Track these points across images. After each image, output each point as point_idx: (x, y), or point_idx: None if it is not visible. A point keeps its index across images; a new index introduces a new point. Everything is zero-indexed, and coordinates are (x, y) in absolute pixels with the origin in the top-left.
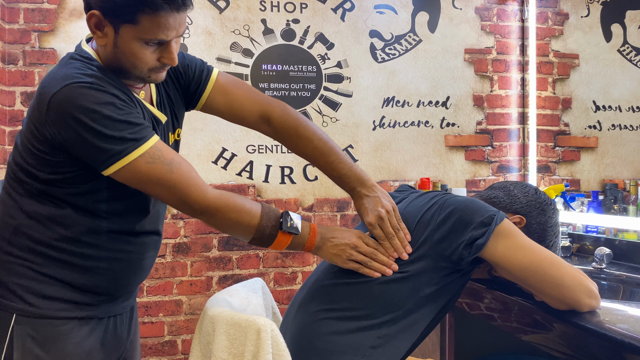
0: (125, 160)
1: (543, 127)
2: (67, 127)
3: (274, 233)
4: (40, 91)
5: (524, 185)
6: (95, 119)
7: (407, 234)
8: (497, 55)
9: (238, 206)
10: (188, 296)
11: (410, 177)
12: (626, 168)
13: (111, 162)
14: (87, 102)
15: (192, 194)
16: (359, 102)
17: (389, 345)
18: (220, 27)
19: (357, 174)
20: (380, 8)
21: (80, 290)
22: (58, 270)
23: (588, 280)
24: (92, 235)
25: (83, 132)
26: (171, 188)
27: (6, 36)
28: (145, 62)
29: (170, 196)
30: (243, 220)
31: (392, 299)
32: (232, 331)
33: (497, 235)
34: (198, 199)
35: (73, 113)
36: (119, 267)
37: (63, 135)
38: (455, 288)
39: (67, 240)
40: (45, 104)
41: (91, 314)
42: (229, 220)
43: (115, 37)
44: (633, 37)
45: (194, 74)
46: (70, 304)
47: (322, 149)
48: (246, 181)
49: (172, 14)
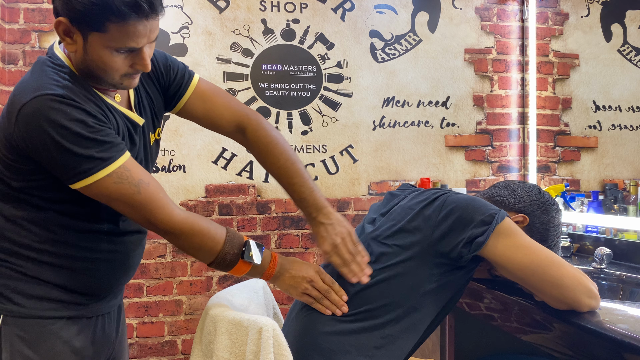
0: (92, 178)
1: (543, 127)
2: (35, 139)
3: (234, 260)
4: (12, 99)
5: (527, 185)
6: (63, 135)
7: (365, 256)
8: (497, 55)
9: (203, 230)
10: (188, 296)
11: (410, 177)
12: (626, 168)
13: (78, 178)
14: (57, 116)
15: (157, 214)
16: (359, 102)
17: (392, 346)
18: (220, 27)
19: (317, 200)
20: (380, 8)
21: (67, 290)
22: (43, 271)
23: (588, 280)
24: (75, 237)
25: (50, 147)
26: (137, 208)
27: (6, 36)
28: (116, 70)
29: (137, 215)
30: (206, 244)
31: (393, 296)
32: (234, 331)
33: (498, 234)
34: (163, 220)
35: (42, 126)
36: (105, 267)
37: (30, 147)
38: (456, 285)
39: (50, 242)
40: (14, 114)
41: (79, 313)
42: (193, 244)
43: (84, 44)
44: (633, 37)
45: (175, 76)
46: (58, 303)
47: (288, 169)
48: (246, 181)
49: (141, 21)
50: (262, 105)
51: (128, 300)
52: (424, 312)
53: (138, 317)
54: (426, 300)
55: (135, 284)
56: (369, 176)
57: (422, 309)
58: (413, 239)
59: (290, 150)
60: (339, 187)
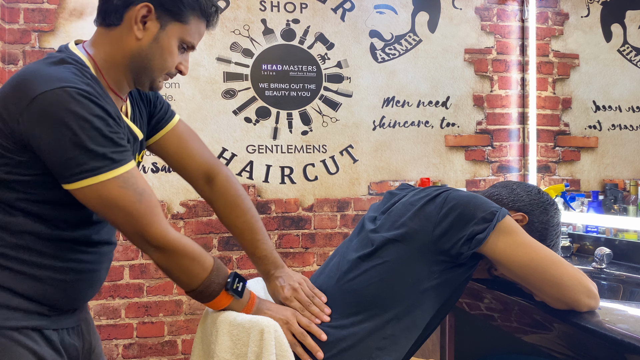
0: (98, 178)
1: (543, 127)
2: (48, 127)
3: (217, 290)
4: (22, 84)
5: (526, 185)
6: (83, 128)
7: (322, 297)
8: (497, 55)
9: (194, 253)
10: (188, 296)
11: (410, 177)
12: (626, 168)
13: (82, 177)
14: (81, 109)
15: (153, 228)
16: (359, 102)
17: (395, 346)
18: (220, 27)
19: (276, 258)
20: (380, 8)
21: (30, 299)
22: (5, 279)
23: (588, 280)
24: (44, 244)
25: (64, 138)
26: (135, 217)
27: (6, 36)
28: (173, 63)
29: (130, 225)
30: (194, 269)
31: (393, 294)
32: (235, 332)
33: (499, 232)
34: (157, 235)
35: (62, 116)
36: (73, 278)
37: (38, 134)
38: (456, 283)
39: (15, 248)
40: (28, 98)
41: (44, 324)
42: (181, 266)
43: (158, 32)
44: (633, 37)
45: (161, 108)
46: (20, 312)
47: (252, 226)
48: (246, 181)
49: (206, 27)
50: (262, 105)
51: (128, 300)
52: (424, 309)
53: (138, 317)
54: (426, 297)
55: (135, 284)
56: (369, 176)
57: (422, 306)
58: (414, 235)
59: (254, 208)
60: (339, 187)
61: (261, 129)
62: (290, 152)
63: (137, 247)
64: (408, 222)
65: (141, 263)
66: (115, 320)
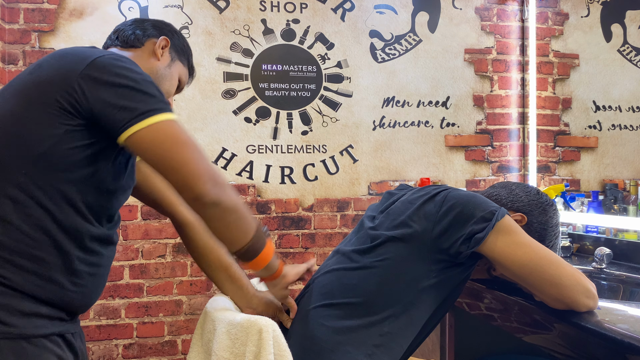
0: (164, 116)
1: (543, 127)
2: (107, 80)
3: (263, 243)
4: (75, 53)
5: (525, 185)
6: (140, 80)
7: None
8: (497, 55)
9: (244, 207)
10: (188, 296)
11: (410, 177)
12: (626, 168)
13: (150, 114)
14: (135, 67)
15: (215, 176)
16: (359, 102)
17: (392, 343)
18: (220, 27)
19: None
20: (380, 8)
21: (53, 305)
22: (32, 287)
23: (586, 280)
24: (68, 240)
25: (126, 86)
26: (196, 161)
27: (6, 36)
28: (172, 93)
29: (188, 172)
30: (247, 221)
31: (391, 291)
32: (234, 331)
33: (498, 231)
34: (214, 189)
35: (120, 71)
36: (91, 281)
37: (97, 89)
38: (454, 282)
39: (41, 248)
40: (85, 62)
41: (64, 329)
42: (237, 219)
43: (170, 62)
44: (633, 37)
45: None
46: (46, 319)
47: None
48: (246, 181)
49: (188, 80)
50: (262, 105)
51: (128, 300)
52: (422, 308)
53: (138, 317)
54: (424, 296)
55: (135, 284)
56: (369, 176)
57: (420, 305)
58: (413, 233)
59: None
60: (339, 187)
61: (261, 129)
62: (290, 152)
63: (188, 204)
64: (407, 220)
65: (141, 263)
66: (115, 320)
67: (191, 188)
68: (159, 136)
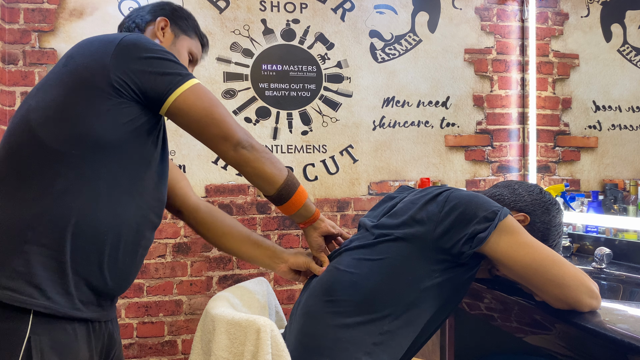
0: (195, 80)
1: (543, 127)
2: (140, 55)
3: (297, 182)
4: (101, 39)
5: (528, 185)
6: (165, 50)
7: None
8: (497, 55)
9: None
10: (188, 296)
11: (410, 177)
12: (626, 168)
13: (183, 80)
14: (157, 44)
15: (239, 128)
16: (359, 102)
17: (391, 342)
18: (220, 27)
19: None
20: (380, 8)
21: (91, 287)
22: (77, 262)
23: (589, 280)
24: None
25: (158, 58)
26: (226, 117)
27: (6, 36)
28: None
29: (224, 126)
30: (278, 162)
31: (391, 291)
32: (233, 330)
33: (500, 231)
34: (244, 134)
35: (147, 44)
36: (127, 262)
37: (133, 63)
38: (457, 283)
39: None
40: (113, 43)
41: (97, 315)
42: (270, 159)
43: (174, 40)
44: (633, 37)
45: None
46: (83, 303)
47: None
48: (246, 181)
49: (201, 49)
50: (262, 105)
51: (128, 300)
52: (424, 308)
53: (138, 317)
54: (426, 296)
55: (135, 284)
56: (369, 176)
57: (421, 305)
58: (415, 233)
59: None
60: (339, 187)
61: (261, 129)
62: (290, 152)
63: (222, 152)
64: (409, 220)
65: None
66: None
67: (232, 136)
68: (200, 95)
